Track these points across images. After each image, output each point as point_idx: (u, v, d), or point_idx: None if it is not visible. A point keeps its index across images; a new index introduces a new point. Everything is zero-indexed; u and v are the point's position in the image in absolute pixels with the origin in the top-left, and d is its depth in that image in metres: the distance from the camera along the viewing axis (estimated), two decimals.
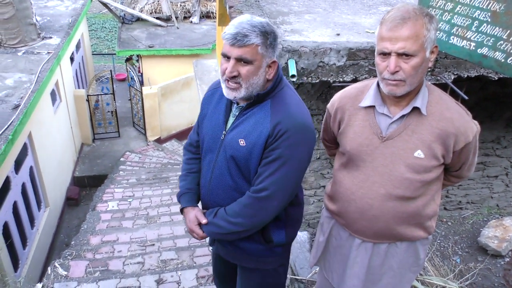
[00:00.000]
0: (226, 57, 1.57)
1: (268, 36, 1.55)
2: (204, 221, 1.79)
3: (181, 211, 1.92)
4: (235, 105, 1.73)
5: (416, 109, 1.63)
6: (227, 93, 1.63)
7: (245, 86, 1.59)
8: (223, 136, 1.72)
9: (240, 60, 1.55)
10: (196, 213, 1.83)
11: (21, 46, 7.61)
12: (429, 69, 3.11)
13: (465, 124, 1.61)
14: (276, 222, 1.79)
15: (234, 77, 1.57)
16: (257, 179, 1.66)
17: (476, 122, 1.66)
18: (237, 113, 1.71)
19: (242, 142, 1.64)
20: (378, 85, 1.69)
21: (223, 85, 1.64)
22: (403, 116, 1.65)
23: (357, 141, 1.73)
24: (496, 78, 3.18)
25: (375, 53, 1.59)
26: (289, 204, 1.77)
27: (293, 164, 1.62)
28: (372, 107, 1.71)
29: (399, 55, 1.50)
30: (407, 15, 1.48)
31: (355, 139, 1.73)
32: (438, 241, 3.64)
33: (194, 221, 1.82)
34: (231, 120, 1.73)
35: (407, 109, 1.63)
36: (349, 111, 1.77)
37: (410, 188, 1.68)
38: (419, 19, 1.47)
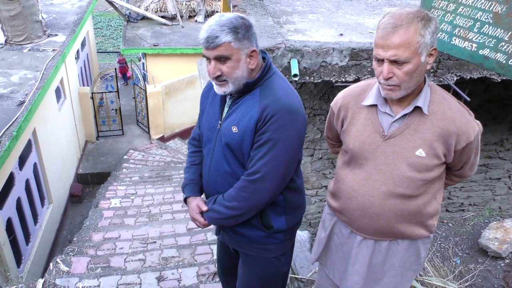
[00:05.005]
0: (207, 59, 1.67)
1: (239, 30, 1.61)
2: (204, 208, 1.87)
3: (185, 201, 2.00)
4: (229, 96, 1.82)
5: (418, 108, 1.64)
6: (217, 89, 1.75)
7: (231, 81, 1.68)
8: (219, 126, 1.82)
9: (218, 58, 1.64)
10: (197, 202, 1.92)
11: (27, 43, 7.65)
12: (431, 70, 3.12)
13: (467, 124, 1.62)
14: (275, 208, 1.85)
15: (218, 76, 1.67)
16: (250, 163, 1.74)
17: (478, 122, 1.67)
18: (230, 103, 1.81)
19: (234, 129, 1.73)
20: None
21: (214, 84, 1.75)
22: (405, 115, 1.66)
23: (360, 139, 1.74)
24: (499, 80, 3.18)
25: (373, 57, 1.61)
26: (287, 189, 1.83)
27: (282, 146, 1.69)
28: (375, 105, 1.72)
29: (392, 61, 1.51)
30: (399, 22, 1.48)
31: (357, 137, 1.75)
32: (439, 242, 3.64)
33: (196, 209, 1.90)
34: (225, 110, 1.83)
35: (409, 109, 1.64)
36: (352, 110, 1.79)
37: (411, 186, 1.69)
38: (411, 25, 1.47)
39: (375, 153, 1.71)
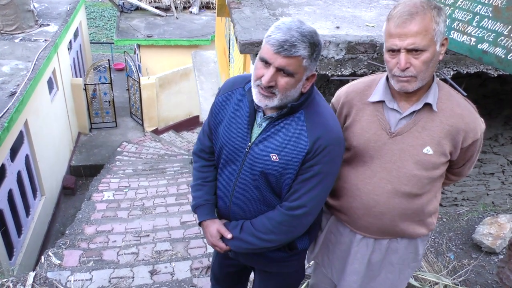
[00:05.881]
0: (266, 62, 1.43)
1: (316, 48, 1.44)
2: (229, 236, 1.69)
3: (199, 223, 1.83)
4: (260, 114, 1.59)
5: (427, 105, 1.60)
6: (258, 99, 1.50)
7: (279, 97, 1.47)
8: (248, 148, 1.60)
9: (280, 70, 1.42)
10: (218, 227, 1.73)
11: (18, 33, 7.54)
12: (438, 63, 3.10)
13: (474, 121, 1.59)
14: None
15: (270, 86, 1.45)
16: (292, 195, 1.58)
17: (482, 119, 1.65)
18: (264, 124, 1.58)
19: (274, 157, 1.54)
20: (387, 79, 1.65)
21: (254, 90, 1.51)
22: (413, 112, 1.62)
23: (365, 136, 1.69)
24: (496, 75, 3.16)
25: (384, 50, 1.55)
26: None
27: (330, 178, 1.59)
28: (381, 102, 1.67)
29: (409, 51, 1.46)
30: (414, 10, 1.44)
31: (362, 135, 1.70)
32: (433, 237, 3.64)
33: (217, 236, 1.73)
34: (256, 130, 1.60)
35: (419, 105, 1.59)
36: (356, 106, 1.73)
37: (417, 185, 1.66)
38: (427, 13, 1.43)
39: (381, 151, 1.67)
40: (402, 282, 1.92)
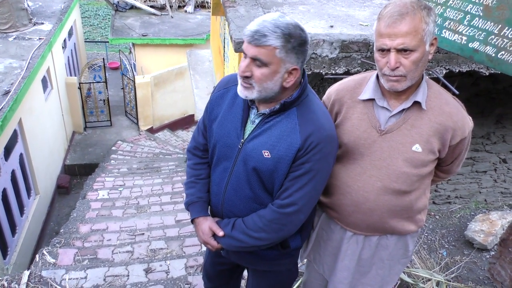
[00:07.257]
0: (244, 54, 1.48)
1: (291, 39, 1.42)
2: (221, 233, 1.69)
3: (192, 221, 1.82)
4: (254, 110, 1.61)
5: (416, 103, 1.62)
6: (240, 90, 1.54)
7: (257, 89, 1.49)
8: (241, 144, 1.61)
9: (255, 60, 1.45)
10: (210, 224, 1.73)
11: (12, 31, 7.49)
12: (429, 62, 3.13)
13: (463, 119, 1.62)
14: None
15: (247, 77, 1.48)
16: (283, 193, 1.59)
17: (470, 117, 1.67)
18: (257, 120, 1.60)
19: (266, 154, 1.55)
20: (377, 78, 1.67)
21: (239, 81, 1.54)
22: (402, 110, 1.64)
23: (355, 134, 1.70)
24: (487, 74, 3.20)
25: (374, 49, 1.57)
26: None
27: (322, 176, 1.59)
28: (371, 100, 1.69)
29: (399, 51, 1.48)
30: (404, 10, 1.46)
31: (352, 132, 1.71)
32: (426, 234, 3.68)
33: (208, 233, 1.73)
34: (249, 127, 1.61)
35: (408, 103, 1.61)
36: (347, 104, 1.74)
37: (406, 182, 1.68)
38: (417, 13, 1.45)
39: (371, 148, 1.69)
40: (393, 278, 1.95)
